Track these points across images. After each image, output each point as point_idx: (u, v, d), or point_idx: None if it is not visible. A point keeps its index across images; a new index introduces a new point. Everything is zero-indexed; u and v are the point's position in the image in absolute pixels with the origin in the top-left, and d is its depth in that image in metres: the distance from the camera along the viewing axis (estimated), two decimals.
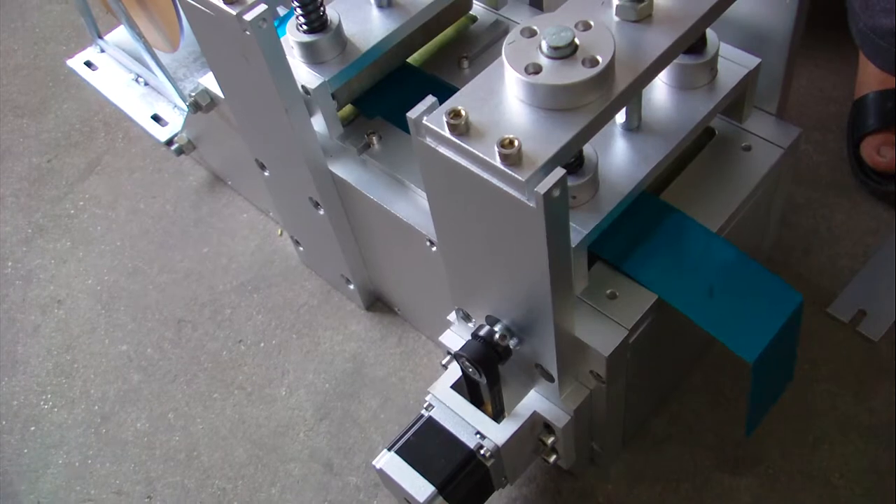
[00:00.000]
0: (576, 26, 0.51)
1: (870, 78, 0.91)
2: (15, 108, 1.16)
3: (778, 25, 0.64)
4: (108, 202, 1.03)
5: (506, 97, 0.50)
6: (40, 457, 0.84)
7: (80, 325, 0.92)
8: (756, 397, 0.61)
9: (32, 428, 0.86)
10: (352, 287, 0.86)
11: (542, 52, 0.50)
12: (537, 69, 0.49)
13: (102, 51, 1.17)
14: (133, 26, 0.99)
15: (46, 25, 1.27)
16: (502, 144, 0.46)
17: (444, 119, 0.48)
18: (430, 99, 0.50)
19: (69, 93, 1.17)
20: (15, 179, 1.07)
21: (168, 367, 0.88)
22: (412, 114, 0.50)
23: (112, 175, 1.06)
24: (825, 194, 0.91)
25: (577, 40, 0.50)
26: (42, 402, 0.87)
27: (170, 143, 1.03)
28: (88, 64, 1.17)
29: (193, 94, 0.80)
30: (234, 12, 0.59)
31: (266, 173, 0.79)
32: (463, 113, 0.48)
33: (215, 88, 0.77)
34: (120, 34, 1.17)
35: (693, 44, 0.61)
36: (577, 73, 0.49)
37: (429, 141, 0.50)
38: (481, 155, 0.47)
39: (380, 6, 0.71)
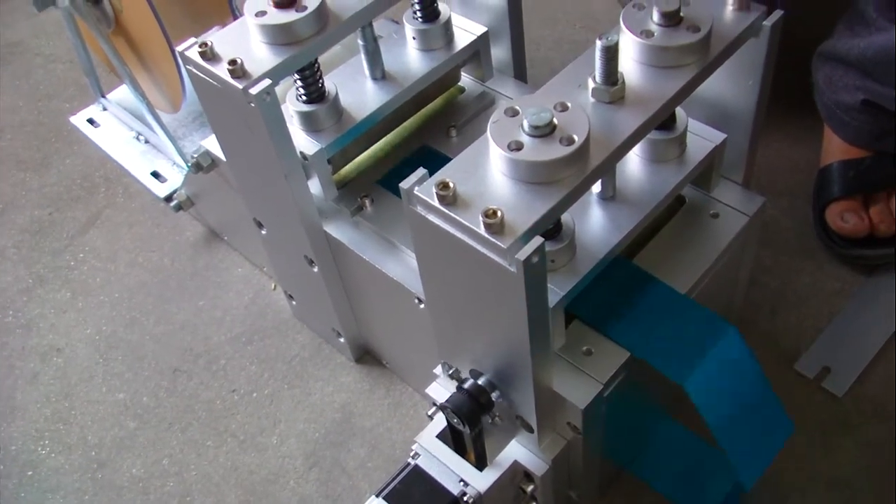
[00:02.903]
0: (554, 107, 0.55)
1: (834, 148, 0.97)
2: (18, 163, 1.20)
3: (742, 105, 0.69)
4: (107, 255, 1.07)
5: (490, 171, 0.55)
6: (37, 501, 0.86)
7: (79, 374, 0.96)
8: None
9: (30, 473, 0.88)
10: (342, 340, 0.90)
11: (523, 130, 0.54)
12: (519, 146, 0.54)
13: (105, 109, 1.22)
14: (137, 87, 1.04)
15: (50, 83, 1.32)
16: (486, 214, 0.51)
17: (434, 190, 0.53)
18: (420, 171, 0.55)
19: (71, 149, 1.21)
20: (17, 231, 1.11)
21: (163, 415, 0.91)
22: (405, 184, 0.54)
23: (112, 229, 1.10)
24: (792, 257, 0.96)
25: (555, 120, 0.54)
26: (40, 448, 0.90)
27: (169, 199, 1.07)
28: (91, 121, 1.22)
29: (195, 155, 0.85)
30: (240, 86, 0.63)
31: (263, 231, 0.83)
32: (451, 185, 0.53)
33: (216, 151, 0.82)
34: (122, 93, 1.22)
35: (663, 121, 0.66)
36: (555, 151, 0.53)
37: (419, 209, 0.54)
38: (467, 223, 0.52)
39: (374, 78, 0.76)
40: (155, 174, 1.12)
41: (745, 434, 0.64)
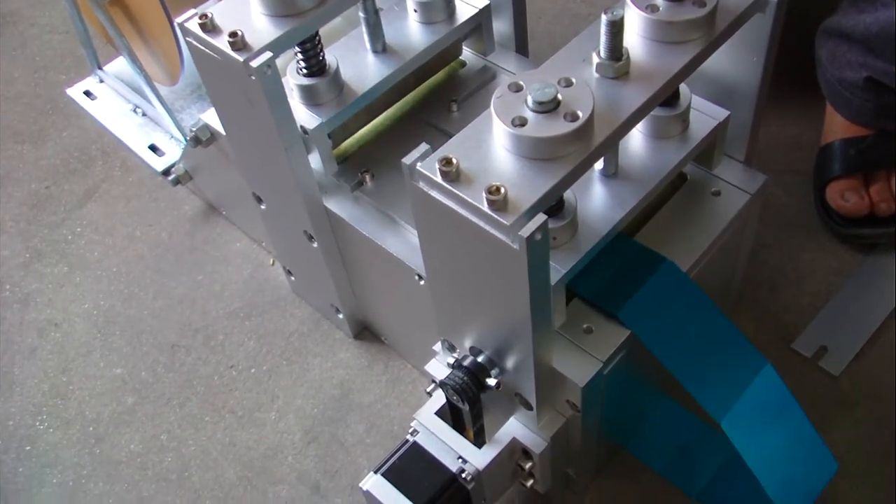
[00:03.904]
0: (559, 83, 0.55)
1: (836, 126, 0.96)
2: (15, 135, 1.19)
3: (746, 82, 0.69)
4: (105, 229, 1.06)
5: (493, 146, 0.54)
6: (35, 476, 0.86)
7: (76, 348, 0.95)
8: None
9: (28, 448, 0.88)
10: (341, 316, 0.90)
11: (527, 106, 0.54)
12: (523, 122, 0.53)
13: (102, 81, 1.21)
14: (134, 59, 1.03)
15: (47, 54, 1.30)
16: (489, 191, 0.51)
17: (437, 166, 0.52)
18: (423, 146, 0.54)
19: (68, 121, 1.20)
20: (14, 205, 1.10)
21: (161, 391, 0.91)
22: (407, 160, 0.54)
23: (109, 202, 1.09)
24: (792, 235, 0.95)
25: (559, 96, 0.54)
26: (38, 423, 0.90)
27: (167, 173, 1.07)
28: (88, 93, 1.21)
29: (194, 128, 0.84)
30: (240, 59, 0.63)
31: (262, 206, 0.83)
32: (454, 161, 0.52)
33: (216, 124, 0.81)
34: (119, 65, 1.21)
35: (667, 97, 0.65)
36: (559, 127, 0.53)
37: (422, 185, 0.54)
38: (470, 200, 0.51)
39: (375, 52, 0.76)
40: (152, 147, 1.12)
41: (786, 475, 0.64)
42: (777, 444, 0.64)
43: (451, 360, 0.66)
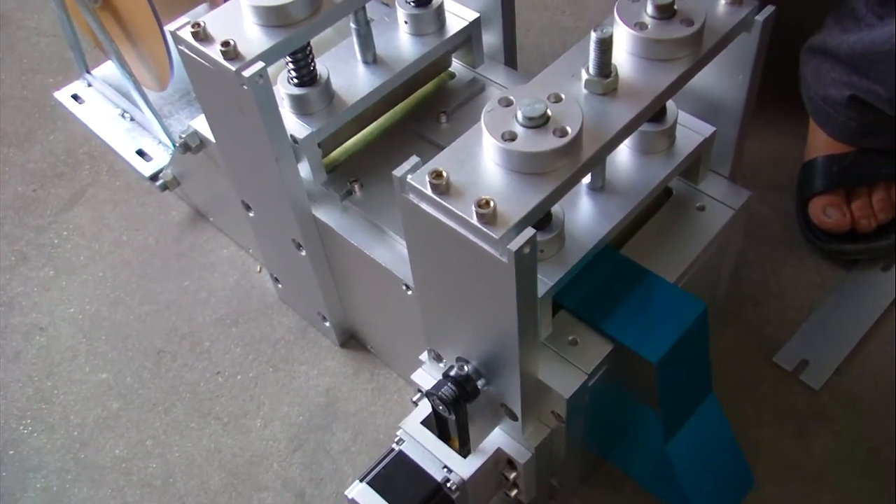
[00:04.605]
0: (548, 98, 0.56)
1: (819, 143, 0.97)
2: (1, 138, 1.19)
3: (731, 99, 0.70)
4: (91, 233, 1.06)
5: (483, 160, 0.55)
6: (18, 480, 0.86)
7: (62, 353, 0.95)
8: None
9: (11, 452, 0.88)
10: (327, 324, 0.90)
11: (517, 121, 0.54)
12: (512, 136, 0.54)
13: (90, 85, 1.21)
14: (123, 64, 1.03)
15: (34, 57, 1.30)
16: (479, 204, 0.51)
17: (427, 178, 0.53)
18: (414, 159, 0.55)
19: (55, 124, 1.20)
20: (0, 208, 1.10)
21: (147, 396, 0.91)
22: (398, 172, 0.54)
23: (96, 207, 1.09)
24: (775, 250, 0.97)
25: (549, 111, 0.55)
26: (21, 427, 0.90)
27: (154, 178, 1.07)
28: (75, 97, 1.21)
29: (184, 135, 0.84)
30: (233, 68, 0.63)
31: (251, 214, 0.83)
32: (444, 174, 0.53)
33: (205, 131, 0.81)
34: (107, 69, 1.21)
35: (654, 113, 0.66)
36: (549, 142, 0.54)
37: (412, 197, 0.54)
38: (459, 213, 0.52)
39: (366, 62, 0.76)
40: (140, 152, 1.12)
41: (712, 491, 0.68)
42: (708, 466, 0.69)
43: (438, 370, 0.67)
